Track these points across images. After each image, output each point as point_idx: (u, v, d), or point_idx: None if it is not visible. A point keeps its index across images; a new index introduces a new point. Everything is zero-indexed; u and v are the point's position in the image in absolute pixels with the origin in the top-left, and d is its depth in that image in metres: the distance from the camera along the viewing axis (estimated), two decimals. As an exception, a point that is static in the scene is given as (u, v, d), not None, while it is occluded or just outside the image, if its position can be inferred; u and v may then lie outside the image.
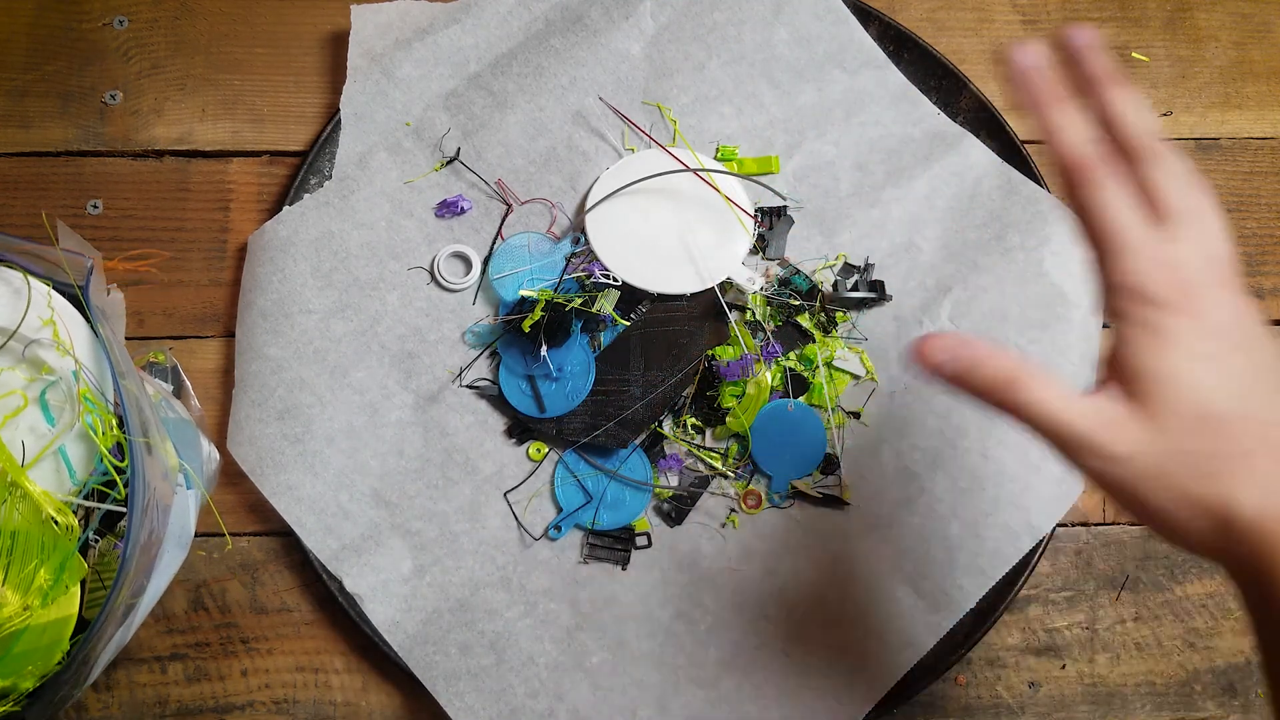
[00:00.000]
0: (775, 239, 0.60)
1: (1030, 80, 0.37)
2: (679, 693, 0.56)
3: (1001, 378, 0.36)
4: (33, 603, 0.42)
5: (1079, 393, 0.35)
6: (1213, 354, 0.34)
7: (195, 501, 0.52)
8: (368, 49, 0.62)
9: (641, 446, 0.58)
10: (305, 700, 0.57)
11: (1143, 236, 0.36)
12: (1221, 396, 0.34)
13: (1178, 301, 0.35)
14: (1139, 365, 0.35)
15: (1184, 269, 0.35)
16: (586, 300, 0.57)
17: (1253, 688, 0.58)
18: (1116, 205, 0.36)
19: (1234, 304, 0.35)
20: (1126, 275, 0.35)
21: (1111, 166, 0.37)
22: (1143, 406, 0.34)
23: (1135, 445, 0.34)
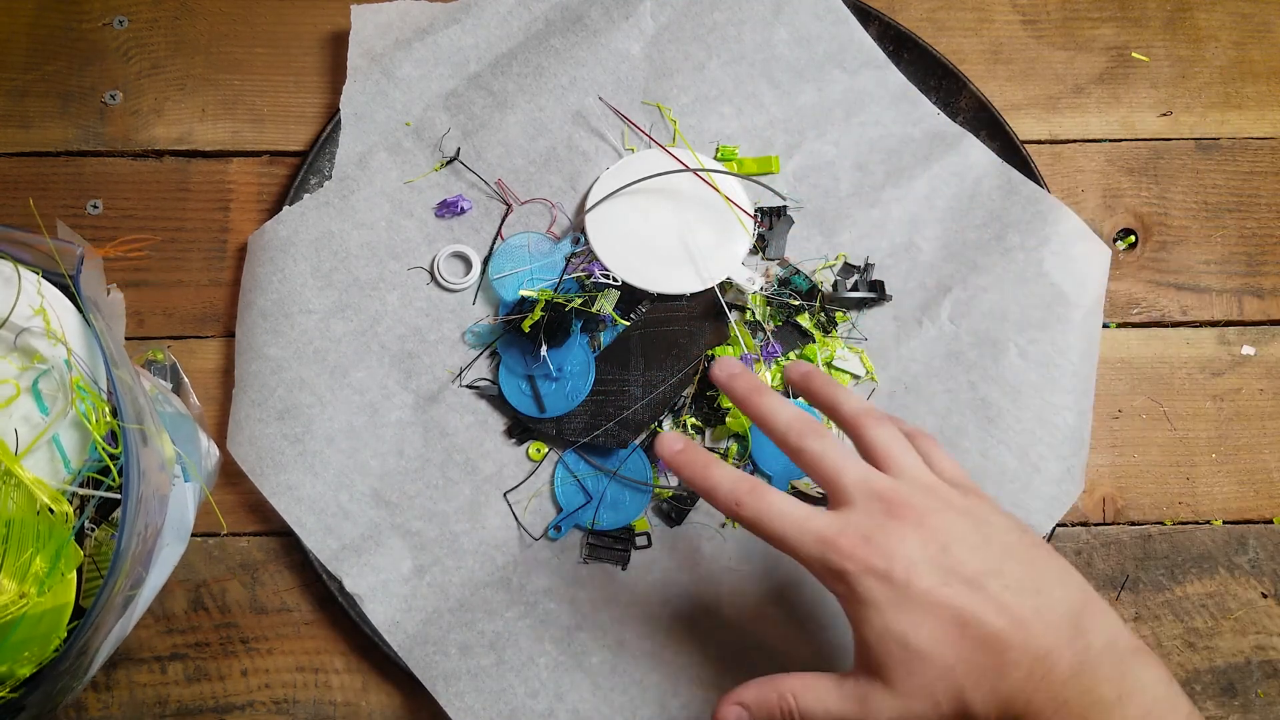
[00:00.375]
0: (775, 239, 0.60)
1: (682, 459, 0.44)
2: (679, 693, 0.56)
3: (777, 709, 0.42)
4: (29, 590, 0.43)
5: (835, 685, 0.41)
6: (899, 596, 0.39)
7: (194, 495, 0.52)
8: (368, 49, 0.62)
9: (641, 446, 0.58)
10: (305, 700, 0.57)
11: (803, 527, 0.41)
12: (915, 632, 0.39)
13: (857, 564, 0.40)
14: (859, 638, 0.41)
15: (850, 530, 0.41)
16: (586, 300, 0.57)
17: (1253, 688, 0.58)
18: (774, 514, 0.42)
19: (904, 529, 0.40)
20: (811, 565, 0.41)
21: (760, 490, 0.42)
22: (875, 675, 0.40)
23: (887, 710, 0.40)
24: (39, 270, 0.49)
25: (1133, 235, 0.63)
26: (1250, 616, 0.59)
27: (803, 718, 0.42)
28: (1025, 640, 0.39)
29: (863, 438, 0.45)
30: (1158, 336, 0.62)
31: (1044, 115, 0.65)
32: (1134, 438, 0.61)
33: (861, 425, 0.45)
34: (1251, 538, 0.60)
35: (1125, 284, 0.63)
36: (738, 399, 0.46)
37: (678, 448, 0.45)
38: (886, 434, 0.44)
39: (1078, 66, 0.65)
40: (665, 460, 0.45)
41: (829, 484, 0.43)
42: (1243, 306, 0.63)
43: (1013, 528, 0.42)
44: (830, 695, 0.41)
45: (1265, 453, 0.61)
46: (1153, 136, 0.65)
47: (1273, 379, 0.62)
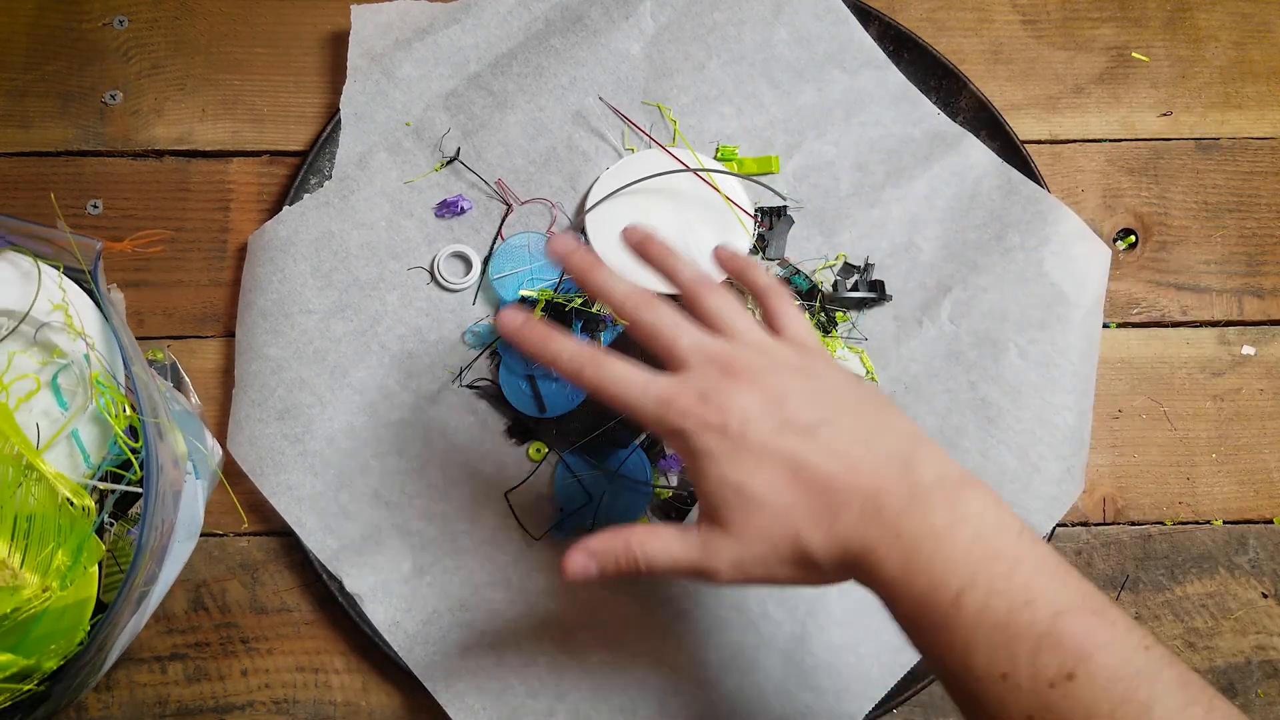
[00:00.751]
0: (775, 239, 0.60)
1: (523, 334, 0.44)
2: (679, 693, 0.56)
3: (621, 557, 0.42)
4: (52, 584, 0.43)
5: (681, 533, 0.42)
6: (733, 447, 0.41)
7: (203, 492, 0.52)
8: (368, 49, 0.62)
9: (641, 446, 0.58)
10: (305, 700, 0.57)
11: (641, 389, 0.42)
12: (749, 478, 0.41)
13: (694, 421, 0.41)
14: (699, 491, 0.42)
15: (686, 390, 0.42)
16: (586, 300, 0.57)
17: (1253, 688, 0.58)
18: (614, 379, 0.42)
19: (737, 385, 0.42)
20: (652, 426, 0.42)
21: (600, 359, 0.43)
22: (716, 523, 0.41)
23: (728, 555, 0.41)
24: (59, 265, 0.49)
25: (1133, 235, 0.63)
26: (1250, 616, 0.59)
27: (648, 565, 0.42)
28: (855, 481, 0.40)
29: (699, 305, 0.45)
30: (1158, 336, 0.62)
31: (1044, 115, 0.65)
32: (1134, 438, 0.61)
33: (697, 294, 0.46)
34: (1251, 538, 0.60)
35: (1125, 284, 0.63)
36: (575, 276, 0.46)
37: (517, 323, 0.44)
38: (721, 300, 0.45)
39: (1078, 66, 0.65)
40: (508, 336, 0.45)
41: (666, 350, 0.43)
42: (1243, 306, 0.63)
43: (846, 383, 0.43)
44: (674, 544, 0.42)
45: (1265, 453, 0.61)
46: (1153, 136, 0.65)
47: (1273, 379, 0.62)
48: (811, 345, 0.45)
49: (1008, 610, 0.36)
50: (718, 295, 0.45)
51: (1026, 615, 0.36)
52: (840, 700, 0.55)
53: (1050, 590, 0.37)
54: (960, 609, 0.37)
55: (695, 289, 0.46)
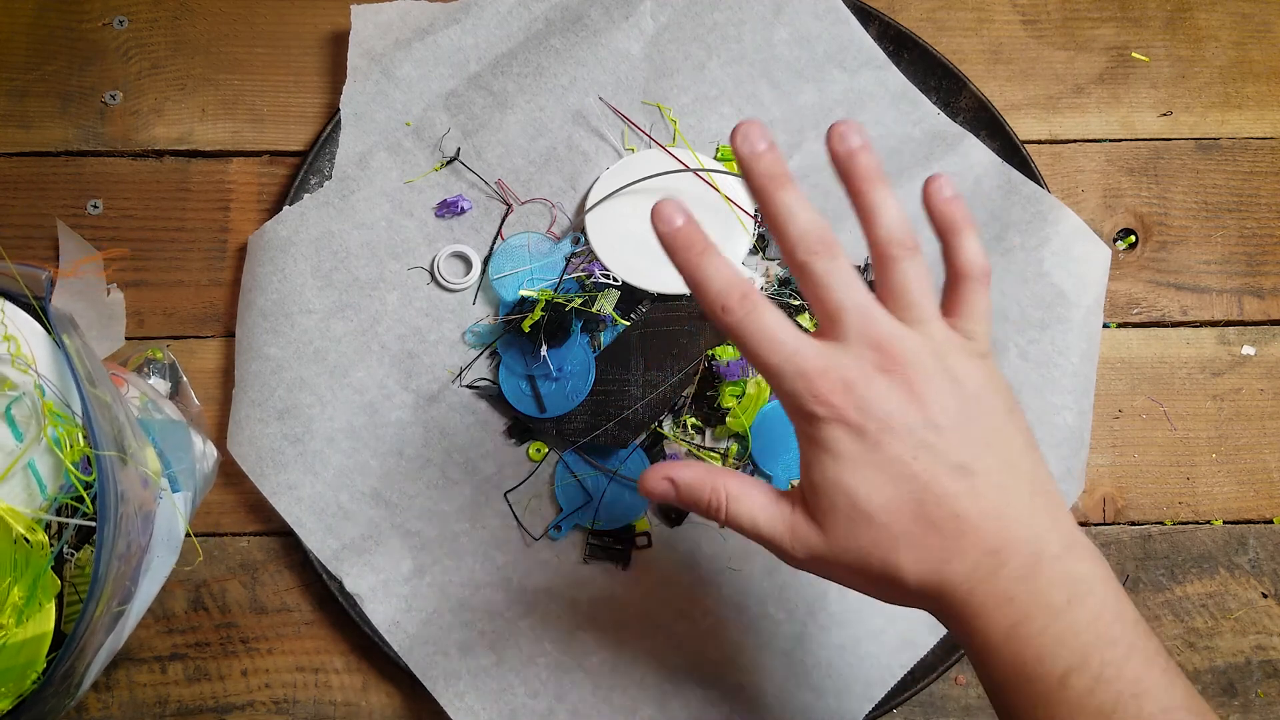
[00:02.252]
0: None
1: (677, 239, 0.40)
2: (679, 693, 0.56)
3: (707, 500, 0.40)
4: (6, 622, 0.42)
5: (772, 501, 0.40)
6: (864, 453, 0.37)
7: (187, 503, 0.52)
8: (368, 49, 0.62)
9: (641, 446, 0.58)
10: (305, 700, 0.57)
11: (787, 355, 0.38)
12: (870, 494, 0.37)
13: (831, 410, 0.37)
14: (808, 479, 0.39)
15: (833, 372, 0.37)
16: (586, 300, 0.57)
17: (1253, 688, 0.58)
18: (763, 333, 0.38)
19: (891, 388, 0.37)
20: (783, 396, 0.38)
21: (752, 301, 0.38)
22: (814, 516, 0.39)
23: (812, 548, 0.39)
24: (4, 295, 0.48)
25: (1133, 235, 0.63)
26: (1250, 616, 0.59)
27: (729, 519, 0.40)
28: (979, 533, 0.37)
29: (889, 268, 0.39)
30: (1158, 336, 0.62)
31: (1044, 115, 0.65)
32: (1134, 438, 0.61)
33: (889, 255, 0.39)
34: (1251, 538, 0.60)
35: (1125, 284, 0.63)
36: (754, 185, 0.39)
37: (677, 223, 0.39)
38: (914, 273, 0.39)
39: (1078, 66, 0.65)
40: (658, 233, 0.39)
41: (827, 311, 0.38)
42: (1243, 306, 0.63)
43: (1001, 410, 0.39)
44: (762, 511, 0.40)
45: (1265, 453, 0.61)
46: (1153, 136, 0.65)
47: (1273, 379, 0.62)
48: (988, 355, 0.41)
49: (1115, 700, 0.35)
50: (914, 265, 0.39)
51: (1134, 708, 0.35)
52: (840, 700, 0.55)
53: (1160, 687, 0.35)
54: (1065, 688, 0.35)
55: (893, 248, 0.39)
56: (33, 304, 0.47)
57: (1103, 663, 0.35)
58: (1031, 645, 0.36)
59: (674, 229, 0.39)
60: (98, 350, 0.59)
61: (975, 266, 0.42)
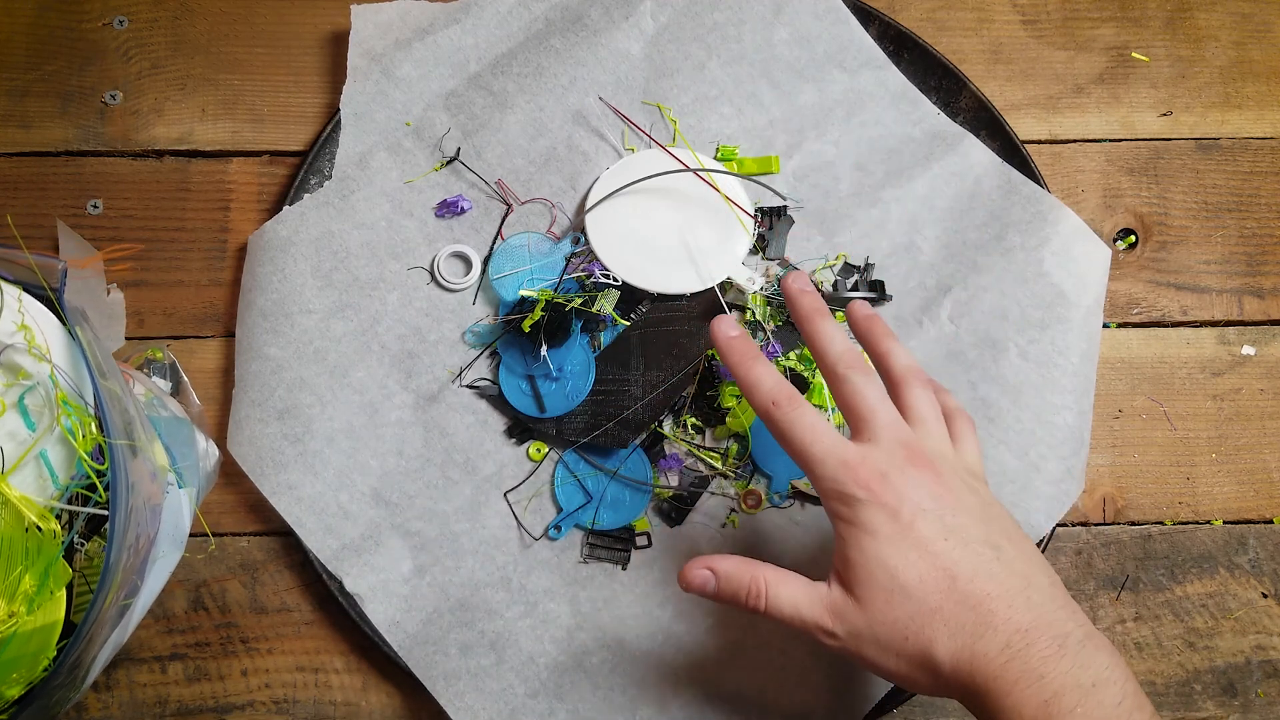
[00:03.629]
0: (775, 239, 0.60)
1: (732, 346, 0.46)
2: (679, 693, 0.56)
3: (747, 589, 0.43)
4: (18, 610, 0.42)
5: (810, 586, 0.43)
6: (900, 532, 0.41)
7: (190, 500, 0.52)
8: (368, 49, 0.62)
9: (641, 446, 0.58)
10: (305, 700, 0.57)
11: (829, 447, 0.43)
12: (906, 568, 0.41)
13: (869, 494, 0.42)
14: (845, 556, 0.42)
15: (869, 462, 0.42)
16: (586, 300, 0.57)
17: (1253, 688, 0.58)
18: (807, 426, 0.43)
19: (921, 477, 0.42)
20: (823, 483, 0.43)
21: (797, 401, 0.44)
22: (851, 591, 0.42)
23: (851, 625, 0.42)
24: (20, 285, 0.48)
25: (1133, 235, 0.63)
26: (1250, 616, 0.59)
27: (770, 609, 0.43)
28: (1009, 611, 0.40)
29: (902, 395, 0.46)
30: (1158, 336, 0.62)
31: (1044, 115, 0.65)
32: (1134, 438, 0.61)
33: (906, 384, 0.46)
34: (1251, 538, 0.60)
35: (1125, 284, 0.63)
36: (800, 315, 0.47)
37: (733, 334, 0.46)
38: (926, 401, 0.46)
39: (1078, 66, 0.65)
40: (716, 341, 0.46)
41: (861, 419, 0.44)
42: (1243, 306, 0.63)
43: (1010, 518, 0.44)
44: (802, 597, 0.43)
45: (1265, 453, 0.61)
46: (1153, 136, 0.65)
47: (1273, 379, 0.62)
48: (982, 476, 0.46)
49: None
50: (926, 393, 0.46)
51: None
52: (840, 700, 0.55)
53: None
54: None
55: (909, 378, 0.47)
56: (48, 294, 0.47)
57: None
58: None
59: (730, 338, 0.46)
60: (98, 349, 0.59)
61: (962, 412, 0.49)
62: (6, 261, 0.48)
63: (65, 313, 0.46)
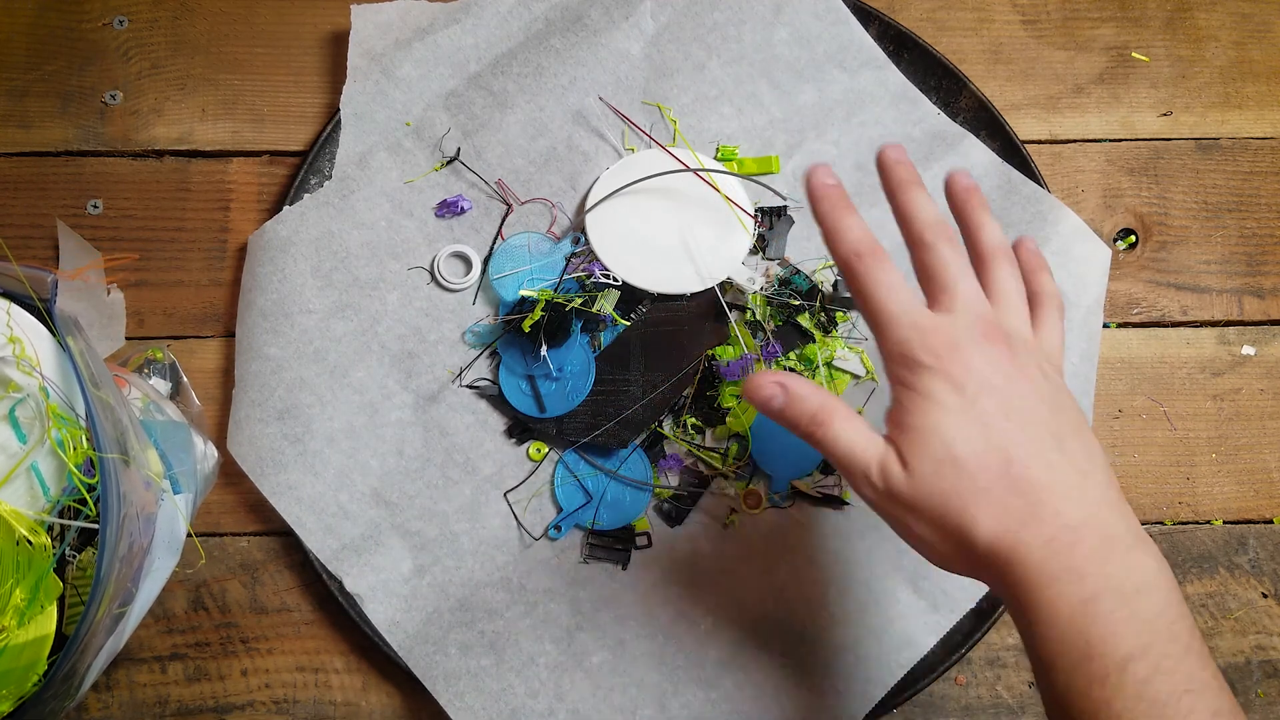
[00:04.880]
0: (775, 239, 0.60)
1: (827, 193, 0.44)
2: (679, 693, 0.56)
3: (813, 413, 0.42)
4: (8, 624, 0.42)
5: (870, 432, 0.41)
6: (963, 405, 0.39)
7: (187, 504, 0.52)
8: (368, 49, 0.62)
9: (641, 446, 0.58)
10: (305, 700, 0.57)
11: (905, 308, 0.41)
12: (963, 443, 0.39)
13: (937, 362, 0.40)
14: (902, 421, 0.41)
15: (944, 331, 0.40)
16: (586, 300, 0.57)
17: (1253, 687, 0.58)
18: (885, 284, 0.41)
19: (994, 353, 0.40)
20: (891, 344, 0.41)
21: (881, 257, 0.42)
22: (902, 455, 0.40)
23: (896, 485, 0.40)
24: (9, 298, 0.48)
25: (1133, 235, 0.63)
26: (1250, 616, 0.59)
27: (826, 439, 0.41)
28: (1061, 504, 0.38)
29: (989, 272, 0.44)
30: (1158, 336, 0.62)
31: (1044, 115, 0.65)
32: (1134, 438, 0.61)
33: (994, 260, 0.44)
34: (1251, 538, 0.60)
35: (1125, 284, 0.63)
36: (891, 185, 0.45)
37: (829, 182, 0.44)
38: (1012, 280, 0.44)
39: (1078, 66, 0.65)
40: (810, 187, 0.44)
41: (942, 288, 0.42)
42: (1243, 306, 0.63)
43: (1079, 410, 0.42)
44: (860, 439, 0.41)
45: (1265, 453, 0.61)
46: (1153, 136, 0.65)
47: (1273, 379, 0.62)
48: (1060, 364, 0.44)
49: (1170, 693, 0.36)
50: (1013, 271, 0.44)
51: (1187, 704, 0.36)
52: (840, 700, 0.55)
53: (1212, 690, 0.37)
54: (1125, 673, 0.36)
55: (995, 255, 0.44)
56: (37, 306, 0.47)
57: (1163, 655, 0.36)
58: (1099, 624, 0.37)
59: (826, 185, 0.44)
60: (98, 350, 0.59)
61: (1053, 297, 0.46)
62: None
63: (56, 325, 0.46)
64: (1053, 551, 0.38)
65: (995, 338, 0.41)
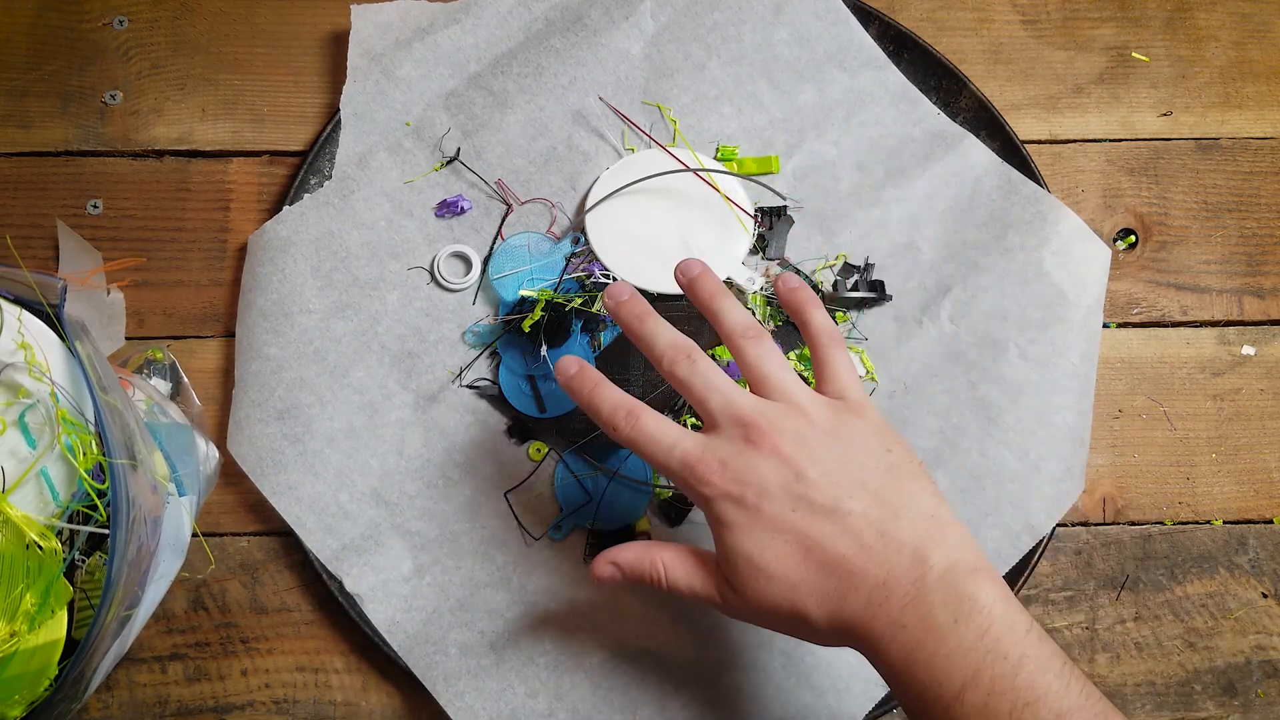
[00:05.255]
0: (775, 239, 0.60)
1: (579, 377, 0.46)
2: (679, 693, 0.56)
3: (648, 575, 0.45)
4: (19, 628, 0.42)
5: (702, 567, 0.45)
6: (749, 519, 0.42)
7: (191, 506, 0.52)
8: (368, 49, 0.62)
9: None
10: (305, 700, 0.57)
11: (668, 446, 0.43)
12: (760, 552, 0.42)
13: (713, 489, 0.42)
14: (717, 549, 0.44)
15: (708, 454, 0.43)
16: (586, 300, 0.57)
17: (1253, 688, 0.58)
18: (649, 434, 0.44)
19: (757, 453, 0.42)
20: (682, 488, 0.44)
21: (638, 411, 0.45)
22: (727, 579, 0.43)
23: (734, 607, 0.44)
24: (19, 304, 0.48)
25: (1133, 235, 0.63)
26: (1250, 616, 0.59)
27: (669, 587, 0.45)
28: (865, 567, 0.40)
29: (740, 355, 0.46)
30: (1158, 336, 0.62)
31: (1044, 115, 0.65)
32: (1134, 438, 0.61)
33: (739, 349, 0.46)
34: (1251, 538, 0.60)
35: (1125, 284, 0.63)
36: (624, 324, 0.47)
37: (571, 372, 0.46)
38: (762, 352, 0.45)
39: (1078, 66, 0.65)
40: (560, 382, 0.47)
41: (700, 408, 0.44)
42: (1243, 306, 0.63)
43: (877, 450, 0.43)
44: (695, 578, 0.45)
45: (1265, 453, 0.61)
46: (1153, 136, 0.65)
47: (1273, 379, 0.62)
48: (853, 399, 0.45)
49: (1008, 711, 0.37)
50: (759, 346, 0.45)
51: (1028, 716, 0.37)
52: (840, 700, 0.55)
53: (1053, 692, 0.37)
54: (962, 704, 0.38)
55: (738, 339, 0.46)
56: (47, 311, 0.47)
57: (993, 676, 0.38)
58: (925, 669, 0.39)
59: (569, 377, 0.46)
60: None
61: (824, 332, 0.47)
62: (6, 279, 0.48)
63: (65, 330, 0.46)
64: (873, 613, 0.40)
65: (756, 437, 0.42)
